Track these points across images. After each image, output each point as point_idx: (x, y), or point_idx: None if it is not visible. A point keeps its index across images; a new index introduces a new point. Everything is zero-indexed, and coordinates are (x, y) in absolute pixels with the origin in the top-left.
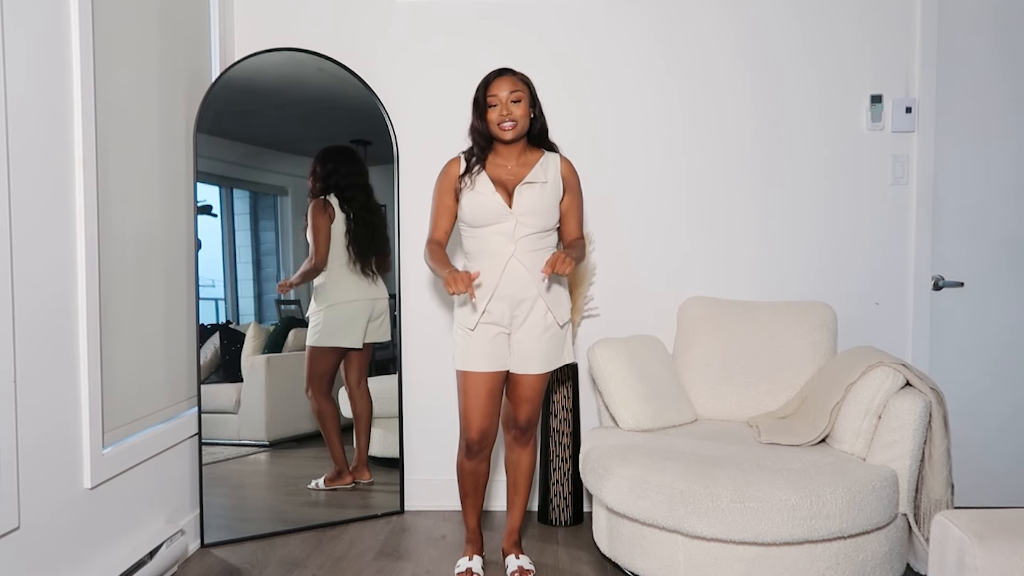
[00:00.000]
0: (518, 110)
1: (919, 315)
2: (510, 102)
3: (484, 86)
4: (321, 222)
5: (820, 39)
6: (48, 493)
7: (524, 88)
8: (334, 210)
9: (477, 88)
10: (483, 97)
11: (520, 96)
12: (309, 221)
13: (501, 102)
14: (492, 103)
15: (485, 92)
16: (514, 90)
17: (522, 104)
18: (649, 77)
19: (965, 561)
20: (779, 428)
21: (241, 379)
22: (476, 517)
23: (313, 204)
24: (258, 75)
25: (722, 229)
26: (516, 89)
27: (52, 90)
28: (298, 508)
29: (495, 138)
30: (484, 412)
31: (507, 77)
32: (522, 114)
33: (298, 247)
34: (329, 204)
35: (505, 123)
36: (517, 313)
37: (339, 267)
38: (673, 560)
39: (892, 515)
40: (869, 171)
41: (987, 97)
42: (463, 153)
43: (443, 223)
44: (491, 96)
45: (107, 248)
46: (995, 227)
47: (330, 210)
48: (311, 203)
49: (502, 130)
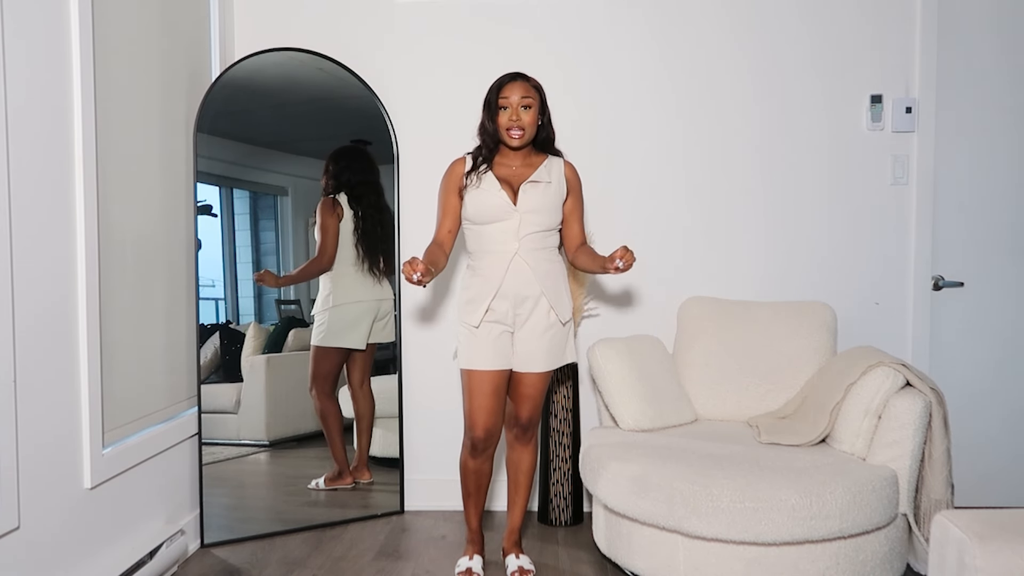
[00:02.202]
0: (527, 116)
1: (919, 315)
2: (520, 107)
3: (497, 88)
4: (329, 221)
5: (820, 39)
6: (48, 493)
7: (535, 95)
8: (343, 209)
9: (489, 89)
10: (495, 99)
11: (531, 103)
12: (317, 219)
13: (512, 106)
14: (503, 105)
15: (497, 94)
16: (525, 96)
17: (532, 111)
18: (649, 76)
19: (965, 561)
20: (779, 428)
21: (241, 379)
22: (478, 517)
23: (322, 203)
24: (258, 75)
25: (722, 229)
26: (527, 95)
27: (52, 90)
28: (298, 508)
29: (502, 142)
30: (489, 410)
31: (520, 82)
32: (531, 121)
33: (298, 247)
34: (338, 203)
35: (513, 130)
36: (520, 311)
37: (346, 266)
38: (673, 560)
39: (892, 515)
40: (869, 171)
41: (987, 97)
42: (470, 153)
43: (447, 223)
44: (503, 99)
45: (107, 248)
46: (995, 227)
47: (339, 209)
48: (320, 201)
49: (510, 136)
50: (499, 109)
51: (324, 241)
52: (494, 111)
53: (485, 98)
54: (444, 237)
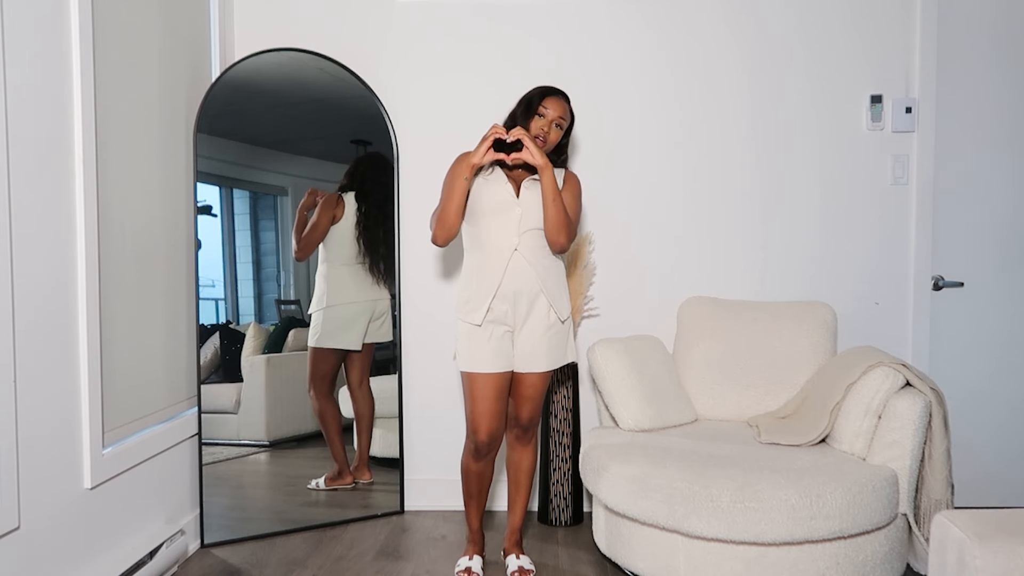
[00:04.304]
0: (554, 135)
1: (919, 315)
2: (553, 124)
3: (540, 95)
4: (324, 217)
5: (820, 39)
6: (48, 493)
7: (568, 119)
8: (343, 210)
9: (532, 92)
10: (536, 105)
11: (563, 124)
12: (316, 211)
13: (547, 118)
14: (540, 114)
15: (540, 101)
16: (562, 117)
17: (560, 131)
18: (650, 76)
19: (965, 561)
20: (779, 428)
21: (241, 379)
22: (479, 518)
23: (325, 199)
24: (258, 75)
25: (723, 229)
26: (563, 116)
27: (52, 90)
28: (298, 508)
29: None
30: (492, 414)
31: (562, 101)
32: (554, 140)
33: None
34: (341, 201)
35: (539, 140)
36: (519, 311)
37: (343, 265)
38: (673, 560)
39: (892, 515)
40: (869, 171)
41: (987, 97)
42: None
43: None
44: (542, 107)
45: (107, 248)
46: (995, 227)
47: (340, 208)
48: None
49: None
50: (535, 115)
51: (311, 232)
52: (531, 114)
53: (525, 96)
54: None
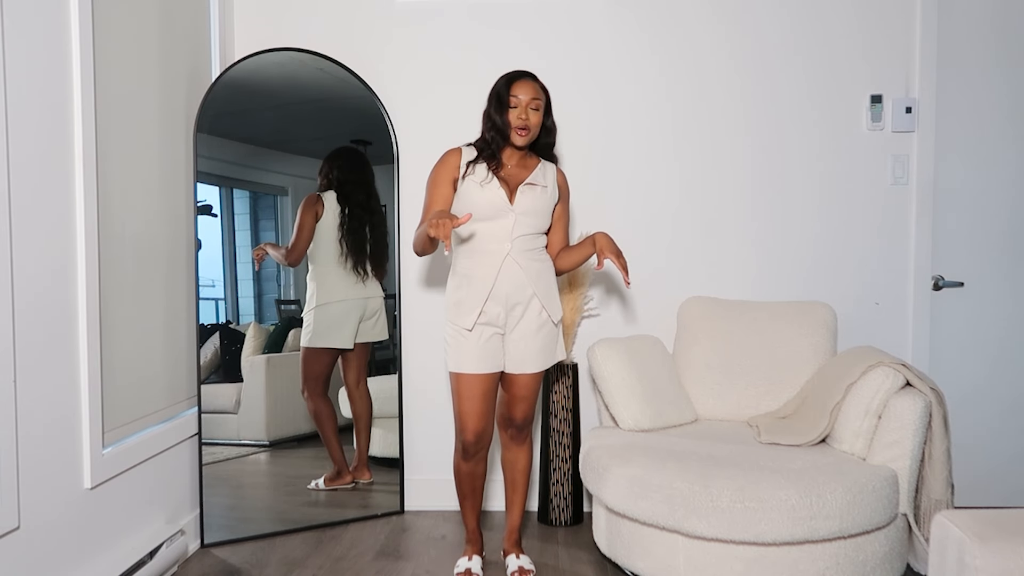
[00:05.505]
0: (535, 118)
1: (919, 315)
2: (529, 108)
3: (506, 83)
4: (307, 218)
5: (820, 40)
6: (48, 493)
7: (543, 97)
8: (323, 207)
9: (498, 83)
10: (505, 94)
11: (539, 105)
12: (298, 215)
13: (521, 105)
14: (512, 104)
15: (507, 90)
16: (535, 97)
17: (539, 113)
18: (647, 79)
19: (965, 561)
20: (779, 428)
21: (241, 379)
22: (475, 518)
23: (305, 199)
24: (258, 75)
25: (722, 229)
26: (537, 97)
27: (52, 90)
28: (298, 508)
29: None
30: (479, 414)
31: (531, 82)
32: (536, 123)
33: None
34: (320, 200)
35: (520, 130)
36: (512, 314)
37: (328, 265)
38: (673, 560)
39: (892, 515)
40: (869, 171)
41: (987, 97)
42: (470, 144)
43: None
44: (512, 96)
45: (107, 248)
46: (995, 227)
47: (320, 207)
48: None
49: (516, 134)
50: (508, 107)
51: (297, 237)
52: (504, 106)
53: (493, 90)
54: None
